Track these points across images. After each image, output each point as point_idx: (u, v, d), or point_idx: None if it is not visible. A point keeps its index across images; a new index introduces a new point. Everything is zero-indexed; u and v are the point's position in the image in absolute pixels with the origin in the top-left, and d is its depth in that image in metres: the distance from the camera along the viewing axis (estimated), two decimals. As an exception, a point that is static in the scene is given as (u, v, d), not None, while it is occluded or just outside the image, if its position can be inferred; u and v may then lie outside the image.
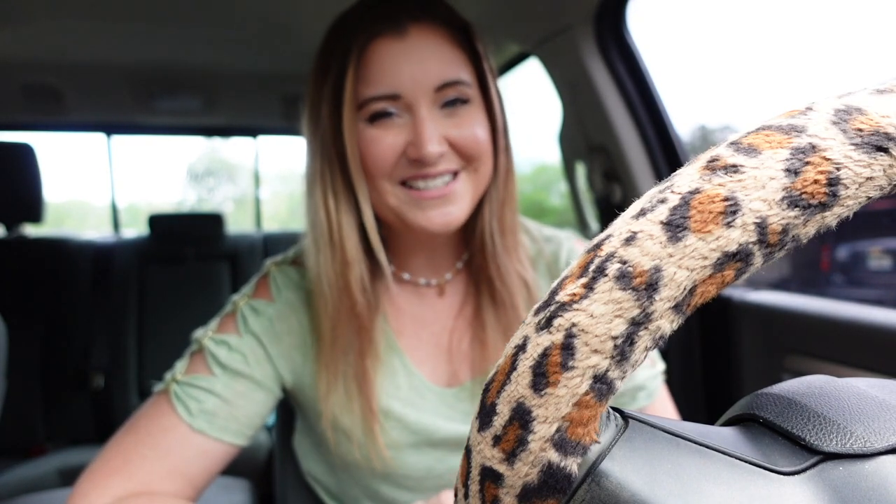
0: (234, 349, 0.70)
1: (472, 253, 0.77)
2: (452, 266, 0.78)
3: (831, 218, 0.21)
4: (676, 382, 1.32)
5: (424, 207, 0.67)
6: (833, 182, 0.21)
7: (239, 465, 1.59)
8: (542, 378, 0.21)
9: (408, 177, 0.67)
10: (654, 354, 0.82)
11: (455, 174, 0.68)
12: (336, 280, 0.69)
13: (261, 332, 0.71)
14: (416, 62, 0.65)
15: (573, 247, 0.81)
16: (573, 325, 0.21)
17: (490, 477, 0.22)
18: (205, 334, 0.72)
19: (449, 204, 0.67)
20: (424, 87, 0.65)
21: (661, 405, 0.81)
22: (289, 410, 0.93)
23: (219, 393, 0.68)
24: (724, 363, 1.23)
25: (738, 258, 0.21)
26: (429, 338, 0.76)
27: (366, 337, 0.71)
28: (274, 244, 2.36)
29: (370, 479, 0.74)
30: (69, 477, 1.74)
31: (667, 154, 1.30)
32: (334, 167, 0.69)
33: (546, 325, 0.21)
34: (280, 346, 0.72)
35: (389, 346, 0.74)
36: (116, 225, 2.71)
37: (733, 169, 0.21)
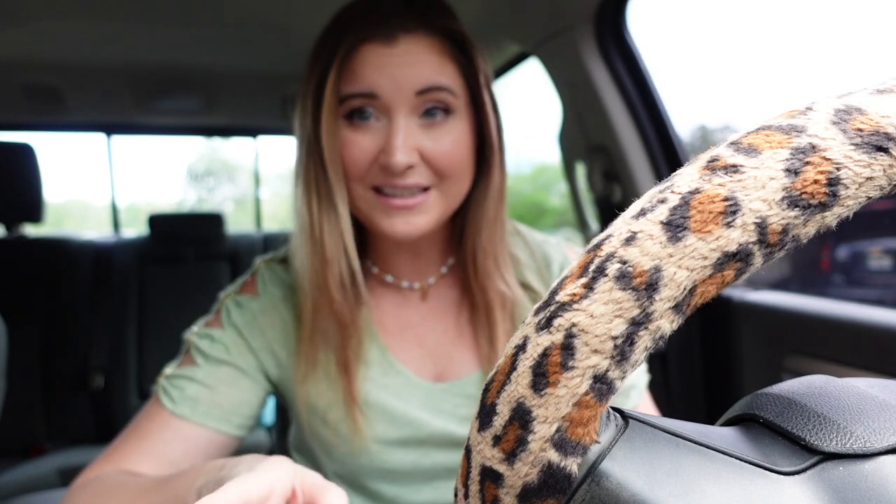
0: (216, 340, 0.72)
1: (458, 261, 0.78)
2: (437, 270, 0.78)
3: (831, 218, 0.21)
4: (676, 382, 1.32)
5: (390, 215, 0.67)
6: (833, 182, 0.20)
7: (239, 465, 1.59)
8: (542, 378, 0.21)
9: (379, 183, 0.67)
10: None
11: (426, 190, 0.67)
12: (314, 278, 0.70)
13: (242, 324, 0.73)
14: (400, 66, 0.65)
15: (566, 254, 0.81)
16: (573, 325, 0.21)
17: (490, 477, 0.22)
18: (192, 332, 0.74)
19: (414, 215, 0.67)
20: (404, 89, 0.64)
21: (645, 403, 0.82)
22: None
23: (200, 380, 0.69)
24: (724, 363, 1.23)
25: (738, 258, 0.21)
26: (413, 339, 0.77)
27: (346, 332, 0.71)
28: (274, 244, 2.36)
29: (356, 474, 0.75)
30: (69, 477, 1.74)
31: (667, 154, 1.30)
32: (318, 166, 0.69)
33: (546, 325, 0.21)
34: (262, 339, 0.73)
35: (376, 346, 0.75)
36: (116, 225, 2.71)
37: (733, 169, 0.21)
